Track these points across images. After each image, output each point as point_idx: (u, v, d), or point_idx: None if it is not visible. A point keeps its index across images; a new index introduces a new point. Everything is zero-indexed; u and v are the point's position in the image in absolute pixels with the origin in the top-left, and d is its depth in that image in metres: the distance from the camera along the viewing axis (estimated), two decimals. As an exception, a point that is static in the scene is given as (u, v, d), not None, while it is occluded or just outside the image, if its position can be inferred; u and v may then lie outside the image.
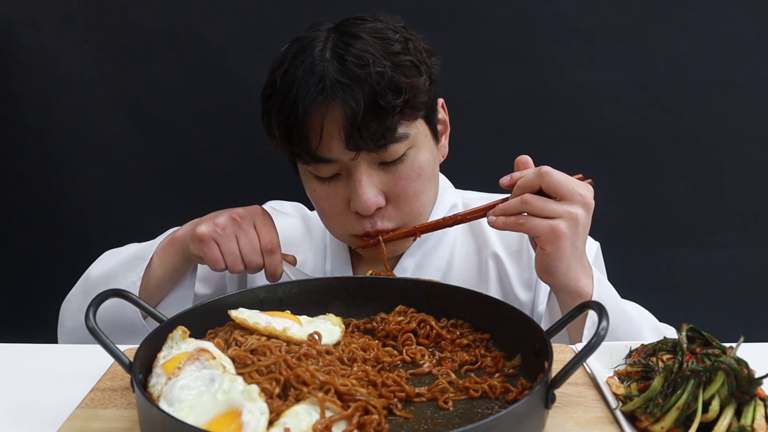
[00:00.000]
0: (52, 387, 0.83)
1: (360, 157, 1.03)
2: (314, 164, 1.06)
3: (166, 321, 0.78)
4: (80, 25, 1.66)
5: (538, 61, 1.65)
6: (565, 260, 0.96)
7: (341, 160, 1.04)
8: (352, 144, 1.01)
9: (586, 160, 1.68)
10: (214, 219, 1.05)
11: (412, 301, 0.90)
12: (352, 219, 1.09)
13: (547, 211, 0.94)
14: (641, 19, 1.62)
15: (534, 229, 0.95)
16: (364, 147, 1.01)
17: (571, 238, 0.94)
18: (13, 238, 1.77)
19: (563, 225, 0.93)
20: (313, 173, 1.09)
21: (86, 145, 1.72)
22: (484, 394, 0.73)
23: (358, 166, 1.04)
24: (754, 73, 1.63)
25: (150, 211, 1.73)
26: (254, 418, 0.61)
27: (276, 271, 1.06)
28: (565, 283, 0.98)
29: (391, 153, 1.04)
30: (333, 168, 1.06)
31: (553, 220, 0.93)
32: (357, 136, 1.00)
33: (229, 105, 1.69)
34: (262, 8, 1.65)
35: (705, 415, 0.65)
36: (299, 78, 1.01)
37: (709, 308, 1.71)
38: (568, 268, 0.97)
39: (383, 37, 1.04)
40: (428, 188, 1.13)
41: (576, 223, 0.94)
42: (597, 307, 0.67)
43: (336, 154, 1.03)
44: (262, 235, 1.05)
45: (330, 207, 1.10)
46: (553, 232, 0.93)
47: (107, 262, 1.20)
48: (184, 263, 1.12)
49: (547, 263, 0.97)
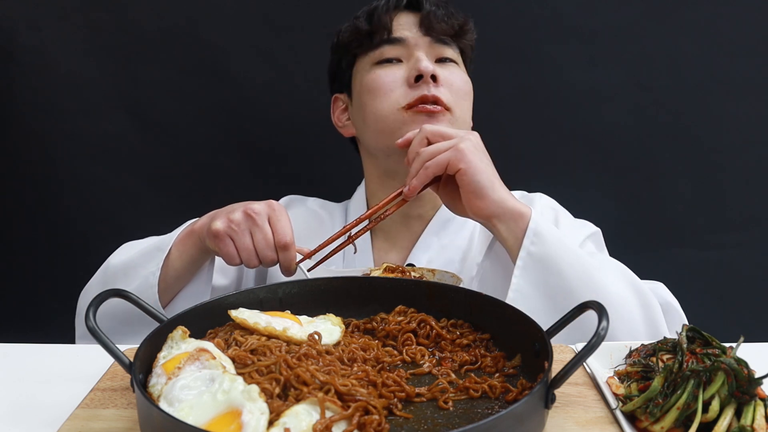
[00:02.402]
0: (52, 387, 0.83)
1: (424, 43, 1.25)
2: (381, 47, 1.26)
3: (166, 321, 0.78)
4: (80, 25, 1.66)
5: (537, 61, 1.65)
6: (485, 173, 1.00)
7: (408, 41, 1.24)
8: (424, 26, 1.24)
9: (586, 160, 1.68)
10: (229, 214, 1.06)
11: (412, 301, 0.90)
12: (407, 90, 1.22)
13: (442, 147, 1.02)
14: (641, 19, 1.62)
15: (441, 162, 1.01)
16: (435, 28, 1.24)
17: (476, 154, 1.00)
18: (13, 238, 1.77)
19: (461, 143, 1.00)
20: (373, 62, 1.27)
21: (86, 145, 1.72)
22: (484, 394, 0.73)
23: (421, 48, 1.24)
24: (754, 73, 1.63)
25: (150, 211, 1.73)
26: (254, 418, 0.61)
27: (290, 266, 1.07)
28: (500, 203, 1.00)
29: (446, 51, 1.27)
30: (397, 50, 1.25)
31: (450, 147, 1.01)
32: (431, 19, 1.24)
33: (229, 105, 1.69)
34: (262, 8, 1.65)
35: (705, 415, 0.65)
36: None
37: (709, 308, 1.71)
38: (494, 186, 1.00)
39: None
40: (469, 102, 1.29)
41: (471, 142, 1.01)
42: (597, 307, 0.68)
43: (405, 34, 1.25)
44: (277, 230, 1.06)
45: (387, 83, 1.24)
46: (457, 150, 1.00)
47: (126, 253, 1.21)
48: (202, 255, 1.13)
49: (470, 184, 1.00)
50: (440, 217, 1.32)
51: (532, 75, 1.66)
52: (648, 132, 1.67)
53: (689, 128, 1.66)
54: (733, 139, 1.66)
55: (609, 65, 1.64)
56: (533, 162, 1.67)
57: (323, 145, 1.65)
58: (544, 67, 1.65)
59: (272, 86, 1.67)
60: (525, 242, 0.98)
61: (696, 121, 1.66)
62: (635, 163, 1.68)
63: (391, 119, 1.23)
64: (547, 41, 1.63)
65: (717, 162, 1.68)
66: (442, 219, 1.32)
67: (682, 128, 1.66)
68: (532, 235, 0.99)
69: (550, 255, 0.99)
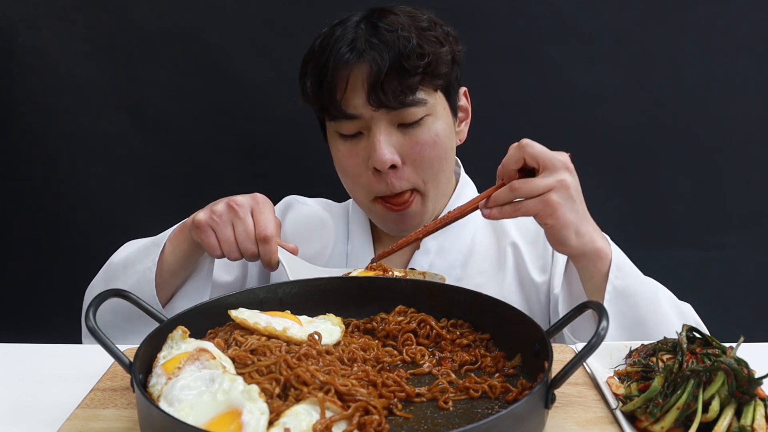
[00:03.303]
0: (52, 387, 0.83)
1: (380, 115, 1.12)
2: (339, 121, 1.15)
3: (166, 321, 0.78)
4: (80, 25, 1.66)
5: (537, 61, 1.65)
6: (572, 227, 0.98)
7: (363, 116, 1.12)
8: (374, 99, 1.10)
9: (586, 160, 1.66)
10: (213, 206, 1.08)
11: (412, 301, 0.90)
12: (371, 177, 1.16)
13: (535, 190, 0.96)
14: (641, 19, 1.62)
15: (530, 210, 0.97)
16: (385, 102, 1.10)
17: (567, 205, 0.97)
18: (13, 238, 1.77)
19: (554, 196, 0.95)
20: (338, 132, 1.18)
21: (86, 145, 1.72)
22: (484, 394, 0.73)
23: (378, 124, 1.13)
24: (754, 73, 1.63)
25: (150, 211, 1.73)
26: (254, 418, 0.61)
27: (270, 260, 1.06)
28: (581, 248, 1.00)
29: (409, 115, 1.13)
30: (355, 125, 1.14)
31: (543, 195, 0.96)
32: (379, 91, 1.09)
33: (229, 105, 1.69)
34: (262, 8, 1.65)
35: (705, 415, 0.65)
36: (334, 41, 1.13)
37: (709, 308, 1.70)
38: (578, 233, 0.99)
39: (414, 15, 1.16)
40: (444, 159, 1.19)
41: (566, 189, 0.97)
42: (597, 307, 0.68)
43: (359, 110, 1.12)
44: (258, 222, 1.06)
45: (351, 166, 1.18)
46: (547, 205, 0.95)
47: (127, 249, 1.23)
48: (195, 249, 1.14)
49: (555, 236, 0.99)
50: None
51: (532, 75, 1.65)
52: (648, 132, 1.67)
53: (689, 128, 1.66)
54: (733, 139, 1.66)
55: (609, 65, 1.64)
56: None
57: (323, 145, 1.65)
58: (544, 67, 1.65)
59: (272, 86, 1.67)
60: (610, 276, 0.99)
61: (696, 121, 1.66)
62: (635, 162, 1.68)
63: (365, 206, 1.25)
64: (547, 41, 1.63)
65: (717, 162, 1.68)
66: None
67: (682, 128, 1.66)
68: (616, 270, 1.00)
69: (630, 287, 1.01)
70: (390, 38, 1.09)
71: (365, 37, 1.11)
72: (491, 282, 1.25)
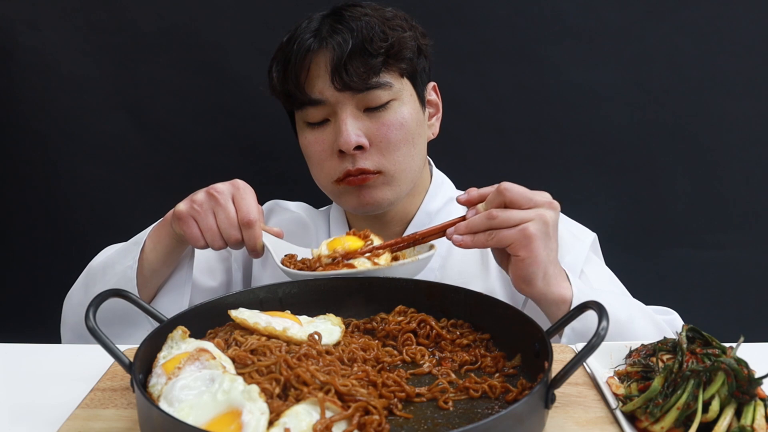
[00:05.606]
0: (52, 387, 0.83)
1: (346, 99, 1.13)
2: (305, 108, 1.16)
3: (166, 321, 0.78)
4: (80, 25, 1.66)
5: (537, 61, 1.65)
6: (542, 265, 0.95)
7: (329, 100, 1.13)
8: (337, 80, 1.11)
9: (586, 160, 1.68)
10: (193, 196, 1.06)
11: (412, 301, 0.90)
12: (336, 162, 1.16)
13: (514, 220, 0.94)
14: (641, 19, 1.62)
15: (505, 239, 0.94)
16: (349, 83, 1.11)
17: (542, 240, 0.94)
18: (13, 238, 1.77)
19: (533, 227, 0.94)
20: (305, 121, 1.18)
21: (86, 145, 1.72)
22: (484, 394, 0.73)
23: (344, 107, 1.14)
24: (754, 73, 1.63)
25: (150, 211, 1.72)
26: (254, 418, 0.61)
27: (255, 245, 1.04)
28: (545, 291, 0.97)
29: (375, 98, 1.14)
30: (321, 112, 1.15)
31: (521, 225, 0.94)
32: (343, 73, 1.10)
33: (229, 105, 1.69)
34: (262, 8, 1.65)
35: (705, 415, 0.65)
36: (299, 33, 1.16)
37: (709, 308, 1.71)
38: (546, 275, 0.96)
39: (379, 8, 1.19)
40: (411, 144, 1.19)
41: (545, 224, 0.95)
42: (597, 307, 0.67)
43: (324, 93, 1.13)
44: (240, 208, 1.04)
45: (317, 153, 1.19)
46: (524, 236, 0.93)
47: (106, 253, 1.22)
48: (177, 244, 1.12)
49: (523, 271, 0.96)
50: (417, 221, 1.29)
51: (531, 75, 1.65)
52: (647, 132, 1.67)
53: (689, 128, 1.66)
54: (733, 138, 1.66)
55: (609, 65, 1.64)
56: (533, 162, 1.67)
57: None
58: (544, 67, 1.65)
59: (272, 86, 1.67)
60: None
61: (696, 121, 1.66)
62: (635, 162, 1.68)
63: (328, 189, 1.24)
64: (547, 41, 1.63)
65: (717, 162, 1.68)
66: (418, 223, 1.28)
67: (681, 128, 1.66)
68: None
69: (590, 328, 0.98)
70: (354, 25, 1.12)
71: (330, 25, 1.14)
72: (473, 282, 1.23)
